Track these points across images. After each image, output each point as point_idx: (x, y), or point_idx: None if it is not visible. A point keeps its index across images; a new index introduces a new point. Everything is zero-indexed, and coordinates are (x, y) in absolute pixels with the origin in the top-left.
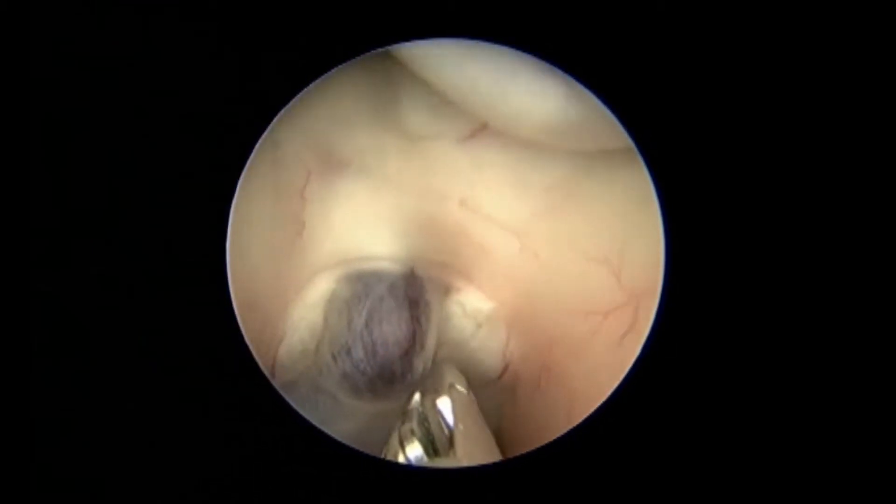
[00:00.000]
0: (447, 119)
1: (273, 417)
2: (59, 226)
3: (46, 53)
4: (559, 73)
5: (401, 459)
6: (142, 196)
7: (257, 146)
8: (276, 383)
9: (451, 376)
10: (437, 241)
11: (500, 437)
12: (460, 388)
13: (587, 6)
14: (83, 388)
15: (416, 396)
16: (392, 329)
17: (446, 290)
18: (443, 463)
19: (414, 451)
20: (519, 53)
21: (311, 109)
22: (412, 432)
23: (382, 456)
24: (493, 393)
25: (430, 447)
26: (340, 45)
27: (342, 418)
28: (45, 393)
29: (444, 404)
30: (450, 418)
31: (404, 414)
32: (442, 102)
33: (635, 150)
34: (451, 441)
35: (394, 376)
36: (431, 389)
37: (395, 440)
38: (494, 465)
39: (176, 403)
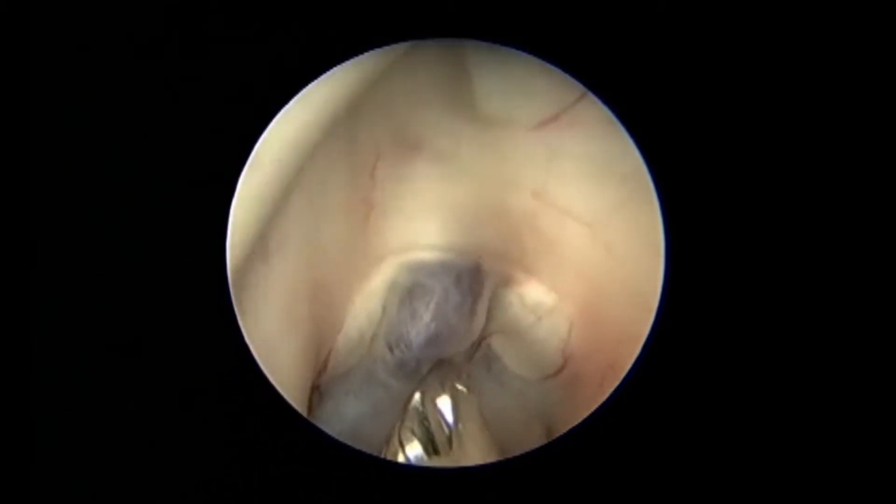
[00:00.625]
0: (521, 104)
1: (273, 417)
2: (61, 222)
3: (46, 53)
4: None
5: (401, 459)
6: (143, 194)
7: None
8: (326, 375)
9: (453, 377)
10: (505, 232)
11: (551, 436)
12: (460, 387)
13: (589, 6)
14: (83, 388)
15: (417, 396)
16: (457, 322)
17: (506, 282)
18: (442, 462)
19: (414, 451)
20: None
21: (386, 86)
22: (412, 432)
23: (382, 455)
24: (549, 389)
25: (430, 446)
26: (339, 44)
27: (391, 408)
28: (46, 393)
29: (445, 404)
30: (450, 418)
31: (405, 413)
32: (515, 86)
33: (636, 149)
34: (450, 441)
35: (451, 362)
36: (432, 388)
37: (395, 440)
38: (494, 464)
39: (176, 403)
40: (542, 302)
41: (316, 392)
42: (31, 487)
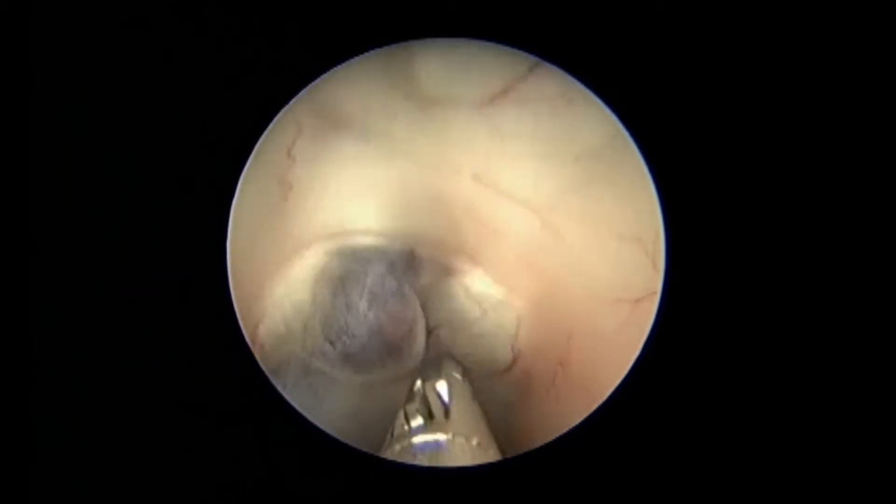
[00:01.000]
0: (464, 79)
1: (273, 416)
2: (60, 222)
3: (46, 53)
4: None
5: (406, 430)
6: (142, 194)
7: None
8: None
9: (450, 366)
10: (443, 217)
11: (509, 436)
12: (456, 375)
13: (588, 6)
14: (83, 389)
15: (419, 382)
16: (397, 310)
17: (448, 272)
18: (440, 431)
19: (416, 422)
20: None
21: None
22: (416, 410)
23: (390, 432)
24: (501, 386)
25: (429, 418)
26: (339, 43)
27: (338, 396)
28: (46, 392)
29: (442, 387)
30: (446, 398)
31: (409, 395)
32: (459, 62)
33: (637, 151)
34: (446, 415)
35: (401, 351)
36: (432, 377)
37: (401, 417)
38: (494, 464)
39: (176, 403)
40: (487, 294)
41: None
42: (31, 487)
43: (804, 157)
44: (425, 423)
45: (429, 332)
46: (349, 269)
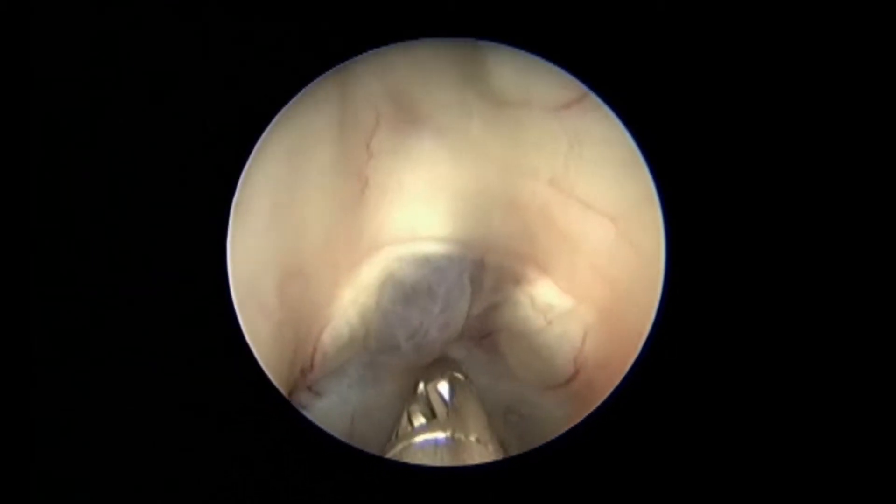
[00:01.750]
0: (540, 85)
1: (273, 416)
2: (60, 222)
3: (46, 53)
4: None
5: (409, 430)
6: (141, 193)
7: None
8: (315, 373)
9: (452, 367)
10: (517, 224)
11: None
12: (458, 375)
13: (590, 6)
14: (83, 387)
15: (421, 385)
16: (464, 324)
17: (516, 279)
18: (440, 429)
19: (419, 421)
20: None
21: (390, 58)
22: (419, 410)
23: (395, 432)
24: (558, 399)
25: (431, 416)
26: (340, 42)
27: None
28: (46, 392)
29: (444, 387)
30: (447, 397)
31: (413, 397)
32: (533, 70)
33: (637, 151)
34: (447, 413)
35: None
36: (434, 378)
37: (404, 419)
38: (495, 464)
39: (176, 403)
40: (554, 304)
41: (308, 391)
42: (31, 487)
43: (806, 158)
44: (428, 423)
45: (487, 333)
46: (419, 278)
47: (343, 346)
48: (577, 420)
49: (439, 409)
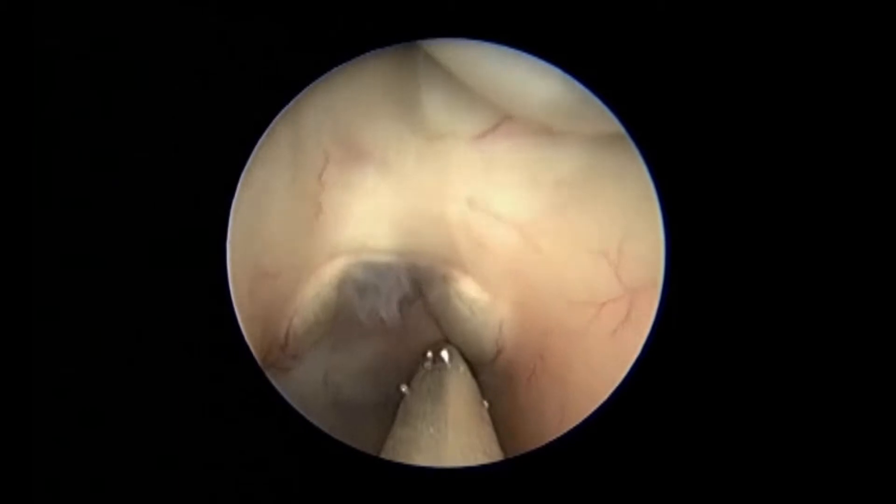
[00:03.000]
0: (463, 116)
1: (273, 416)
2: (61, 213)
3: (46, 53)
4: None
5: (406, 424)
6: (142, 190)
7: (268, 130)
8: (291, 349)
9: (454, 361)
10: (444, 236)
11: (498, 428)
12: (460, 368)
13: (589, 6)
14: (83, 387)
15: (418, 380)
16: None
17: (444, 279)
18: (438, 426)
19: (416, 416)
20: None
21: (334, 93)
22: (417, 405)
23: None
24: (490, 377)
25: (430, 413)
26: (340, 42)
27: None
28: (46, 390)
29: (444, 384)
30: (447, 395)
31: (410, 392)
32: (459, 98)
33: (636, 151)
34: (446, 411)
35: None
36: (433, 373)
37: (401, 413)
38: (494, 464)
39: (176, 402)
40: (476, 299)
41: (287, 358)
42: (31, 487)
43: (808, 160)
44: (425, 418)
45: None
46: (369, 280)
47: (311, 327)
48: (506, 394)
49: (437, 405)
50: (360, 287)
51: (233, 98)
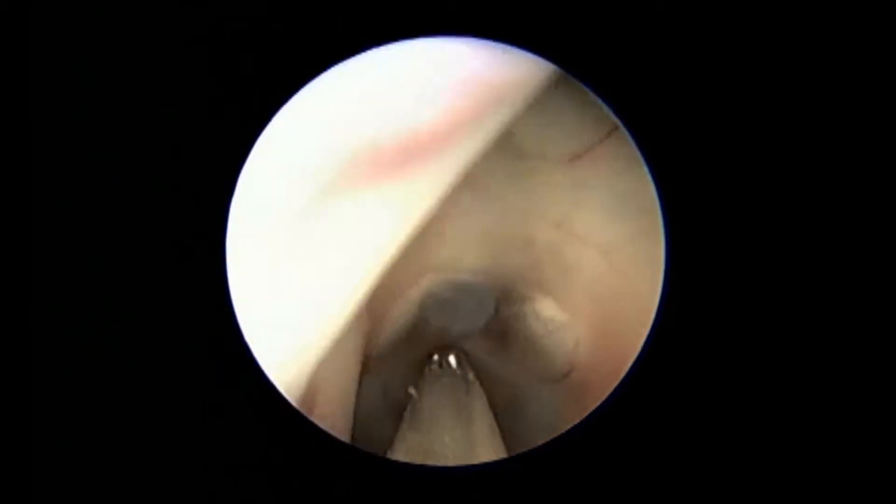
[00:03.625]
0: (555, 140)
1: (273, 417)
2: (60, 222)
3: (46, 53)
4: None
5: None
6: (142, 191)
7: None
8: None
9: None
10: (529, 259)
11: None
12: (464, 371)
13: (590, 6)
14: (83, 385)
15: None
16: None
17: (524, 299)
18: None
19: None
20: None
21: None
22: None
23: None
24: (557, 390)
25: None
26: (340, 42)
27: None
28: (46, 390)
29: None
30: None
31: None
32: (549, 122)
33: (637, 152)
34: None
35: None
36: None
37: (406, 416)
38: (495, 464)
39: (176, 403)
40: (553, 317)
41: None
42: (31, 487)
43: (809, 162)
44: (439, 425)
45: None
46: (450, 298)
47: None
48: (574, 414)
49: (441, 409)
50: (444, 301)
51: (233, 98)
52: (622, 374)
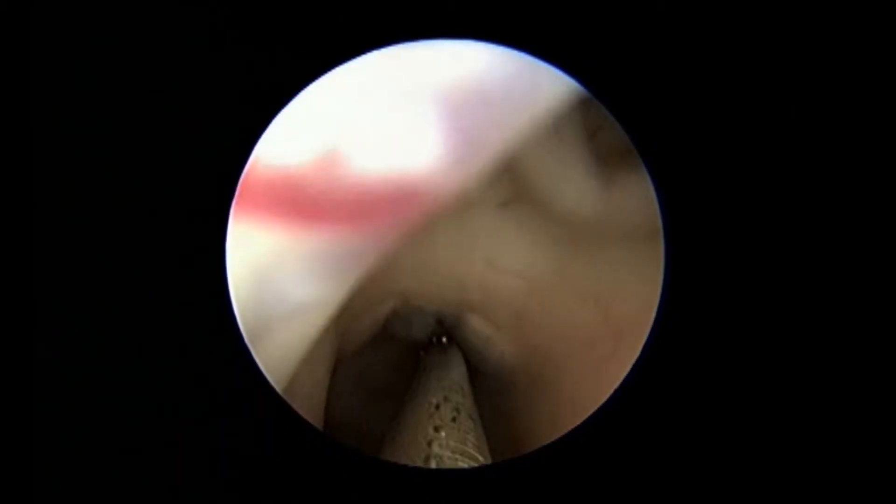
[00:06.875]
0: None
1: (272, 417)
2: (60, 222)
3: (46, 54)
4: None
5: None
6: (141, 191)
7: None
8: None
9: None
10: (462, 288)
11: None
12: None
13: (591, 7)
14: (83, 385)
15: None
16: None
17: (458, 317)
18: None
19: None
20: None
21: None
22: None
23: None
24: (492, 382)
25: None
26: (339, 44)
27: None
28: (45, 392)
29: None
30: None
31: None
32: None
33: (636, 153)
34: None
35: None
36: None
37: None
38: (495, 464)
39: (176, 405)
40: (482, 331)
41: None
42: (31, 487)
43: (808, 163)
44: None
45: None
46: (408, 316)
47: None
48: (507, 411)
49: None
50: (396, 317)
51: (234, 98)
52: (542, 375)
